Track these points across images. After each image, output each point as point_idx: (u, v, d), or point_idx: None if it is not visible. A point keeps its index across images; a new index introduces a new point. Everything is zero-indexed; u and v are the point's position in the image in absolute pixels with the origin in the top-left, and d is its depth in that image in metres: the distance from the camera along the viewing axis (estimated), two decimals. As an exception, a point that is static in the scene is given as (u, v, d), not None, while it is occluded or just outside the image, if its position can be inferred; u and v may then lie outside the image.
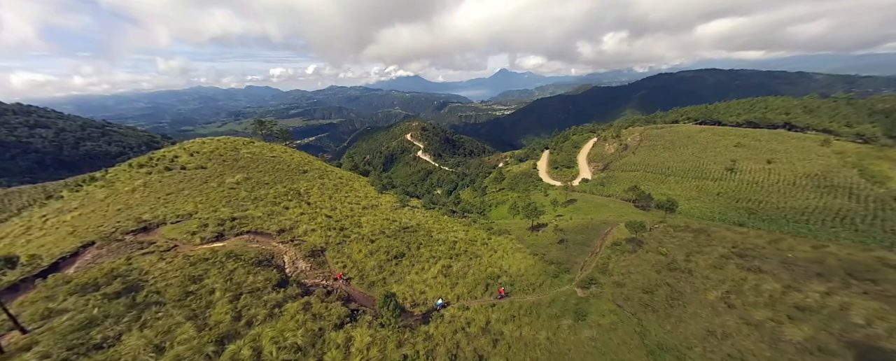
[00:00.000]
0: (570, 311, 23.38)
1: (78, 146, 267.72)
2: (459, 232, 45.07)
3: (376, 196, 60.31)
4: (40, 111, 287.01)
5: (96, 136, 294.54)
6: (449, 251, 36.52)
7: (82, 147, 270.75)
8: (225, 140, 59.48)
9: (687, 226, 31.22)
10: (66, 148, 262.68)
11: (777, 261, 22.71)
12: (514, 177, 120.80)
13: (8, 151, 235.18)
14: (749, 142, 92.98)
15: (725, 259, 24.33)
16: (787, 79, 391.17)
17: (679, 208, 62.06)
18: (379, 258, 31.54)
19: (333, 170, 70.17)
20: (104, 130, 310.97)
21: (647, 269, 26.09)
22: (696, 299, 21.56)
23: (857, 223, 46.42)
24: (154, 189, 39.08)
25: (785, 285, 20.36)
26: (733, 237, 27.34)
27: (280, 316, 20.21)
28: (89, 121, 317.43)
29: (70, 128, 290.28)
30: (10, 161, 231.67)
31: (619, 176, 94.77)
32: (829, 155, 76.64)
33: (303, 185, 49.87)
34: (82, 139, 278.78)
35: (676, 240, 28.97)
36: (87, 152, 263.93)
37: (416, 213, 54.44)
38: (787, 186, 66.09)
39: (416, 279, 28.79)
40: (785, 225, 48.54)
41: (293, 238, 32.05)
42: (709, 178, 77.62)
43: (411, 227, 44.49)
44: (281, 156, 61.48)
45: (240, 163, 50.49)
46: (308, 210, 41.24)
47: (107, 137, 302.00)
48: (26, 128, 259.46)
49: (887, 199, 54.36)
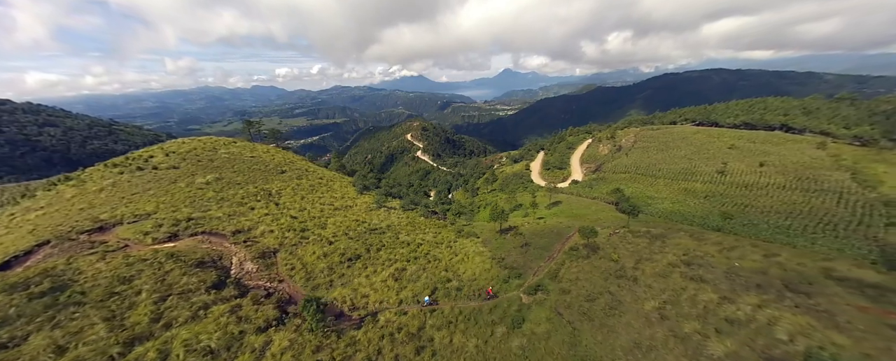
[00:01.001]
0: (509, 318, 22.89)
1: (85, 145, 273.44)
2: (429, 235, 44.74)
3: (355, 196, 60.28)
4: (49, 110, 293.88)
5: (103, 135, 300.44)
6: (409, 254, 36.20)
7: (89, 145, 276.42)
8: (205, 140, 59.97)
9: (647, 232, 30.38)
10: (73, 146, 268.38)
11: (722, 271, 21.85)
12: (506, 179, 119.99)
13: (18, 149, 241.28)
14: (743, 143, 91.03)
15: (672, 267, 23.54)
16: (795, 79, 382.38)
17: (658, 210, 61.08)
18: (332, 260, 31.36)
19: (316, 170, 70.36)
20: (110, 129, 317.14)
21: (596, 276, 25.44)
22: (633, 308, 20.87)
23: (839, 229, 44.94)
24: (122, 189, 39.49)
25: (722, 296, 19.55)
26: (688, 244, 26.47)
27: (203, 319, 20.11)
28: (96, 120, 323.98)
29: (77, 126, 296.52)
30: (19, 158, 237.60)
31: (610, 177, 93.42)
32: (824, 157, 74.59)
33: (276, 186, 50.00)
34: (89, 138, 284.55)
35: (631, 246, 28.18)
36: (94, 151, 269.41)
37: (392, 214, 54.25)
38: (776, 189, 64.44)
39: (364, 282, 28.54)
40: (764, 230, 47.26)
41: (248, 239, 32.04)
42: (698, 181, 76.07)
43: (380, 229, 44.29)
44: (261, 157, 61.78)
45: (215, 164, 50.80)
46: (274, 211, 41.29)
47: (113, 136, 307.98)
48: (35, 127, 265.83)
49: (876, 204, 52.59)
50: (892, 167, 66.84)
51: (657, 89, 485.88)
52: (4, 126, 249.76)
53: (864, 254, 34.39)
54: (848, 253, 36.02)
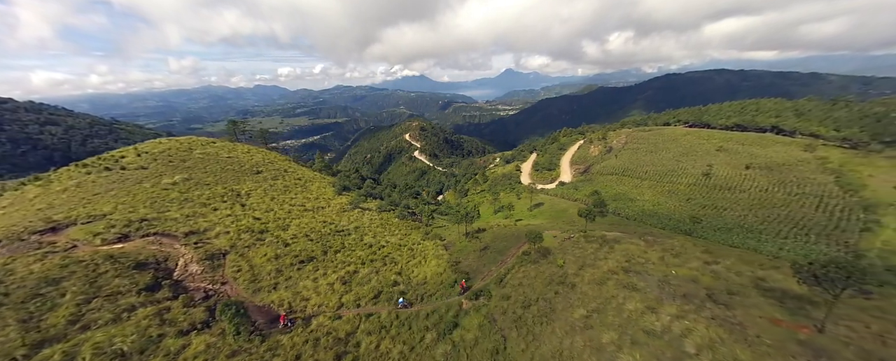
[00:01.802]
0: (443, 324, 22.66)
1: (85, 143, 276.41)
2: (395, 237, 44.58)
3: (331, 197, 60.24)
4: (50, 109, 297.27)
5: (104, 134, 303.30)
6: (368, 256, 36.07)
7: (90, 144, 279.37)
8: (182, 140, 60.23)
9: (601, 237, 29.86)
10: (74, 145, 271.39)
11: (657, 279, 21.35)
12: (496, 180, 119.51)
13: (19, 147, 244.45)
14: (732, 145, 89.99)
15: (611, 273, 23.10)
16: (799, 80, 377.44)
17: (636, 212, 60.45)
18: (282, 262, 31.27)
19: (297, 171, 70.39)
20: (111, 128, 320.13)
21: (539, 282, 25.09)
22: (563, 316, 20.49)
23: (812, 235, 44.15)
24: (85, 189, 39.73)
25: (647, 306, 19.09)
26: (634, 250, 25.93)
27: (126, 321, 20.08)
28: (97, 119, 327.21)
29: (78, 125, 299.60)
30: (20, 156, 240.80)
31: (597, 179, 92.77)
32: (810, 160, 73.52)
33: (247, 187, 50.07)
34: (90, 136, 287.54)
35: (580, 252, 27.72)
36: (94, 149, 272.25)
37: (365, 216, 54.14)
38: (758, 193, 63.59)
39: (309, 285, 28.41)
40: (736, 234, 46.57)
41: (199, 240, 32.04)
42: (683, 183, 75.28)
43: (346, 231, 44.19)
44: (239, 157, 61.94)
45: (187, 164, 50.99)
46: (239, 212, 41.33)
47: (114, 135, 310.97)
48: (37, 126, 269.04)
49: (856, 208, 51.68)
50: (878, 170, 65.67)
51: (659, 89, 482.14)
52: (6, 124, 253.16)
53: None
54: (801, 260, 35.28)
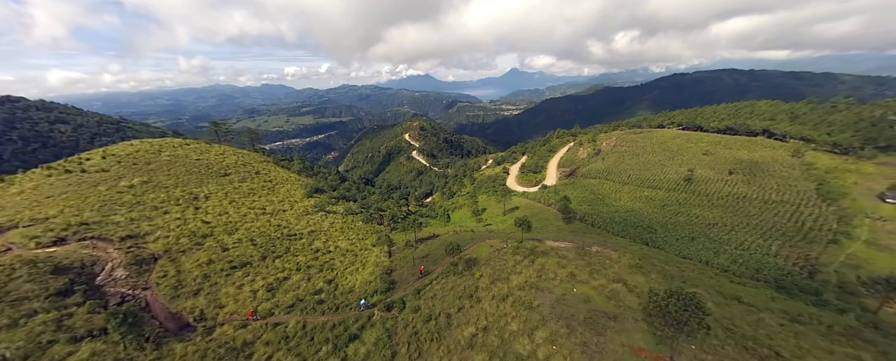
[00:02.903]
0: (343, 336, 22.46)
1: (93, 141, 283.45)
2: (345, 242, 44.54)
3: (298, 200, 60.55)
4: (61, 107, 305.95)
5: (111, 132, 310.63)
6: (307, 262, 36.13)
7: (97, 142, 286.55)
8: (154, 142, 61.19)
9: (532, 249, 29.08)
10: (82, 142, 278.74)
11: (555, 297, 20.64)
12: (482, 182, 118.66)
13: (29, 145, 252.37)
14: (719, 150, 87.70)
15: (518, 289, 22.42)
16: (811, 80, 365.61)
17: (604, 218, 59.23)
18: (213, 268, 31.46)
19: (270, 173, 70.92)
20: (119, 126, 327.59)
21: (452, 295, 24.64)
22: (455, 334, 20.01)
23: (774, 247, 42.59)
24: (40, 191, 40.65)
25: (528, 327, 18.49)
26: (550, 264, 25.09)
27: (22, 327, 20.39)
28: (105, 117, 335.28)
29: (87, 123, 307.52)
30: (30, 154, 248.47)
31: (580, 182, 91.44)
32: (796, 166, 71.13)
33: (209, 189, 50.59)
34: (98, 134, 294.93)
35: (502, 264, 27.10)
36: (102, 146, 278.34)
37: (328, 219, 54.25)
38: (735, 200, 61.83)
39: (230, 292, 28.50)
40: (699, 243, 45.28)
41: (134, 245, 32.43)
42: (663, 188, 73.72)
43: (298, 235, 44.32)
44: (209, 159, 62.67)
45: (151, 166, 51.78)
46: (190, 215, 41.76)
47: (121, 133, 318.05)
48: (47, 124, 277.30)
49: (829, 218, 49.75)
50: (864, 177, 63.15)
51: (665, 90, 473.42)
52: (18, 123, 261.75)
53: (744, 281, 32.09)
54: (735, 277, 34.13)
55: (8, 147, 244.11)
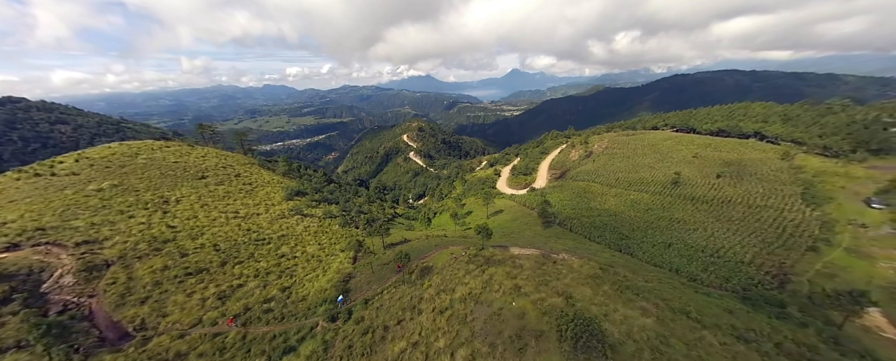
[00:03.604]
0: (280, 348, 21.90)
1: (93, 141, 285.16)
2: (314, 247, 44.00)
3: (276, 203, 60.13)
4: (61, 107, 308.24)
5: (111, 132, 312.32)
6: (268, 268, 35.63)
7: (97, 142, 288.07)
8: (132, 144, 61.06)
9: (489, 258, 28.31)
10: (82, 142, 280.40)
11: (491, 311, 19.83)
12: (472, 184, 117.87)
13: (29, 145, 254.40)
14: (709, 152, 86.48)
15: (460, 301, 21.77)
16: (814, 81, 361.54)
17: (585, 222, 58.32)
18: (168, 274, 31.01)
19: (252, 175, 70.63)
20: (119, 126, 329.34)
21: (398, 306, 23.99)
22: (386, 349, 19.41)
23: (749, 255, 41.53)
24: (5, 195, 40.47)
25: (456, 344, 17.74)
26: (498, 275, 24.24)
27: (-56, 340, 19.97)
28: (106, 118, 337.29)
29: (87, 124, 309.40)
30: (30, 154, 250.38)
31: (569, 185, 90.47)
32: (784, 169, 69.88)
33: (182, 193, 50.26)
34: (98, 135, 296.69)
35: (452, 274, 26.37)
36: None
37: (302, 223, 53.72)
38: (719, 204, 60.74)
39: (179, 300, 28.02)
40: (675, 250, 44.31)
41: (89, 250, 32.05)
42: (649, 191, 72.62)
43: (267, 239, 43.85)
44: (188, 161, 62.43)
45: (125, 170, 51.55)
46: (156, 219, 41.41)
47: (121, 133, 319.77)
48: (47, 124, 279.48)
49: (812, 224, 48.62)
50: (852, 181, 61.85)
51: (666, 90, 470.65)
52: (18, 123, 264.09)
53: (709, 292, 30.80)
54: (702, 286, 33.12)
55: (8, 147, 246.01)
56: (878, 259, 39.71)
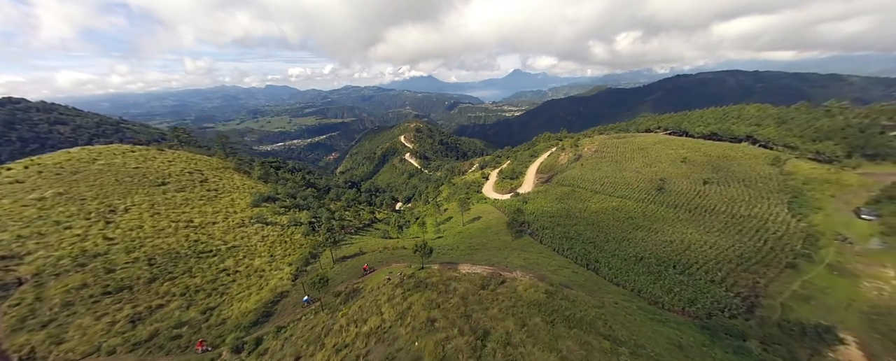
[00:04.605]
0: (167, 384, 19.77)
1: (91, 142, 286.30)
2: (265, 259, 41.91)
3: (239, 210, 58.14)
4: (61, 108, 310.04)
5: (110, 133, 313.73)
6: (200, 285, 33.52)
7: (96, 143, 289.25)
8: (92, 149, 59.45)
9: (421, 280, 25.85)
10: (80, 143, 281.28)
11: (389, 353, 17.38)
12: (458, 188, 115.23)
13: (28, 145, 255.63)
14: (698, 157, 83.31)
15: (365, 336, 19.40)
16: (817, 81, 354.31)
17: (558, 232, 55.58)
18: (83, 294, 28.99)
19: (221, 180, 68.76)
20: (118, 127, 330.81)
21: (304, 339, 21.71)
22: None
23: (722, 271, 38.66)
24: (-62, 204, 38.87)
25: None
26: (418, 303, 21.78)
27: None
28: (105, 118, 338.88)
29: (86, 124, 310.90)
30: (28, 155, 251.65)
31: (552, 190, 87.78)
32: (773, 176, 66.71)
33: (132, 201, 48.41)
34: (96, 135, 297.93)
35: (373, 301, 23.91)
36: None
37: (261, 232, 51.63)
38: (701, 213, 57.85)
39: (85, 324, 25.96)
40: (645, 266, 41.55)
41: (4, 267, 30.12)
42: (633, 198, 69.80)
43: (214, 251, 41.81)
44: (151, 167, 60.69)
45: (76, 177, 49.81)
46: (94, 230, 39.52)
47: (119, 134, 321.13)
48: (46, 125, 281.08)
49: (795, 237, 45.64)
50: (843, 190, 58.59)
51: (668, 91, 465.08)
52: (17, 124, 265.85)
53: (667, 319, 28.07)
54: (661, 311, 30.51)
55: (6, 148, 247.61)
56: (862, 277, 36.78)
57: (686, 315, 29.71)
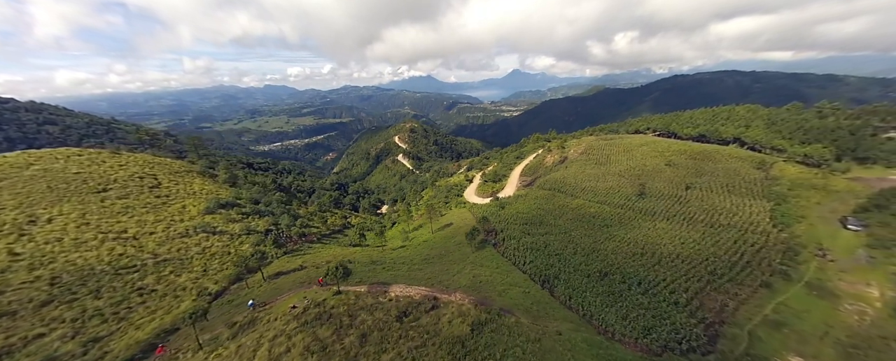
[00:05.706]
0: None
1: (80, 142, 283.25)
2: (195, 272, 38.49)
3: (188, 218, 54.67)
4: (51, 108, 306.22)
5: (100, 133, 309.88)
6: (110, 306, 30.07)
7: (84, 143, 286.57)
8: (32, 153, 56.16)
9: (321, 314, 22.18)
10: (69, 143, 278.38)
11: None
12: (440, 191, 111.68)
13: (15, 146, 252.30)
14: (683, 160, 79.70)
15: None
16: (814, 82, 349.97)
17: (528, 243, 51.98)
18: (-49, 322, 25.52)
19: (177, 184, 65.34)
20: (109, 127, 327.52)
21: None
22: None
23: (689, 291, 35.04)
24: None
25: None
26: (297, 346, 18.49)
27: None
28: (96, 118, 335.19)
29: (76, 125, 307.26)
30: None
31: (533, 194, 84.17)
32: (758, 181, 63.20)
33: (61, 210, 45.00)
34: (86, 135, 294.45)
35: (258, 336, 20.41)
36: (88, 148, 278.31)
37: (200, 244, 47.97)
38: (678, 222, 54.31)
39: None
40: (607, 285, 37.94)
41: None
42: (612, 204, 66.26)
43: (137, 266, 38.37)
44: (96, 172, 57.30)
45: (4, 183, 46.44)
46: (2, 244, 36.14)
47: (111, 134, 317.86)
48: (35, 125, 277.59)
49: (774, 250, 42.07)
50: (829, 197, 54.95)
51: (666, 91, 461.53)
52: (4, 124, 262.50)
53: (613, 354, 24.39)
54: (609, 342, 26.94)
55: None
56: (843, 298, 33.23)
57: (637, 348, 26.14)
